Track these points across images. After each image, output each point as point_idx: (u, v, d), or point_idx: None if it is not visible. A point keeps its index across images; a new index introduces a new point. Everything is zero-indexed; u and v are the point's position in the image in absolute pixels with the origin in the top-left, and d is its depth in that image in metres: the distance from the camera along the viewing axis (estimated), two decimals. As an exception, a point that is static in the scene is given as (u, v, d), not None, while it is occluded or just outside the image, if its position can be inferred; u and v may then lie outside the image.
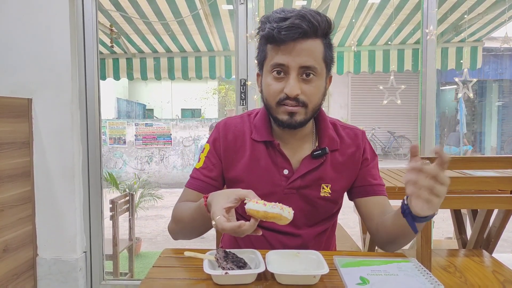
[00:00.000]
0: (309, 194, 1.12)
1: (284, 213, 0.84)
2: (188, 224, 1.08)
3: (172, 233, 1.17)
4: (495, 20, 4.47)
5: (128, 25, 4.62)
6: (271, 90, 1.06)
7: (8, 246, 2.12)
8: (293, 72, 1.02)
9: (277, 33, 1.00)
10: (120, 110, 13.55)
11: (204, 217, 0.98)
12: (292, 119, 1.05)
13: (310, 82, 1.04)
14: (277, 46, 1.03)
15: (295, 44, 1.01)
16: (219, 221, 0.85)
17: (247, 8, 2.44)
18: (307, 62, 1.02)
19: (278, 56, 1.03)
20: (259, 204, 0.84)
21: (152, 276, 0.88)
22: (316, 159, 1.12)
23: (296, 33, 0.99)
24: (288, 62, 1.02)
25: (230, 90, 13.95)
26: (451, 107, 12.59)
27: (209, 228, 1.05)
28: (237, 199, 0.90)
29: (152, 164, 9.08)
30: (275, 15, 1.03)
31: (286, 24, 0.99)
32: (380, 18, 4.46)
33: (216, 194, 0.94)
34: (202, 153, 1.19)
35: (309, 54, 1.02)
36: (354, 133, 1.20)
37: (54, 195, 2.34)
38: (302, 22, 0.99)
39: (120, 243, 3.13)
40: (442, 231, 3.88)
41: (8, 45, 2.30)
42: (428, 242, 1.36)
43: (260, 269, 0.84)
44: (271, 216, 0.84)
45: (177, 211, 1.13)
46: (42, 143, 2.32)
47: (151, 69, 5.53)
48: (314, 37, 1.02)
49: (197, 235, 1.13)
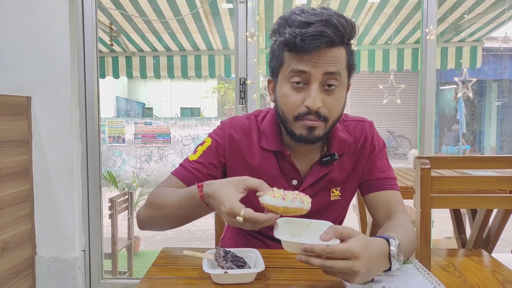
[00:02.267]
0: (319, 201, 1.08)
1: (304, 206, 0.81)
2: (171, 211, 0.99)
3: (143, 222, 1.06)
4: (495, 20, 4.47)
5: (127, 23, 4.62)
6: (289, 102, 0.97)
7: (7, 245, 2.12)
8: (315, 82, 0.93)
9: (300, 41, 0.90)
10: (119, 108, 13.53)
11: (193, 207, 0.93)
12: (311, 134, 0.97)
13: (332, 93, 0.96)
14: (298, 54, 0.93)
15: (320, 53, 0.92)
16: (249, 214, 0.79)
17: (247, 7, 2.44)
18: (331, 68, 0.93)
19: (299, 63, 0.94)
20: (277, 198, 0.80)
21: (151, 275, 0.88)
22: (325, 166, 1.07)
23: (322, 42, 0.90)
24: (310, 70, 0.93)
25: (230, 89, 13.95)
26: (450, 107, 12.60)
27: (193, 219, 0.99)
28: (246, 189, 0.86)
29: (151, 163, 9.07)
30: (295, 18, 0.92)
31: (311, 31, 0.89)
32: (380, 18, 4.45)
33: (219, 184, 0.87)
34: (201, 146, 1.12)
35: (333, 61, 0.93)
36: (361, 125, 1.13)
37: (53, 193, 2.34)
38: (328, 29, 0.89)
39: (119, 242, 3.13)
40: (441, 230, 3.88)
41: (8, 43, 2.29)
42: (428, 242, 1.36)
43: (259, 269, 0.84)
44: (292, 211, 0.80)
45: (157, 196, 1.03)
46: (41, 141, 2.32)
47: (151, 68, 5.52)
48: (340, 44, 0.94)
49: (175, 225, 1.03)
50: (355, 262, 0.73)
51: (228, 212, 0.81)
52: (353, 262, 0.73)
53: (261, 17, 3.95)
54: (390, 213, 1.06)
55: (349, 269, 0.73)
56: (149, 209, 1.03)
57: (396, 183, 1.12)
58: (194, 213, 0.96)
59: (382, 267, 0.81)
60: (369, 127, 1.13)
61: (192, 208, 0.94)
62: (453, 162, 1.43)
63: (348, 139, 1.10)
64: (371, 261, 0.76)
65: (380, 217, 1.08)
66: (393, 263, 0.81)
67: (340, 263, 0.73)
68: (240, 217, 0.79)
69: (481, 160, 1.46)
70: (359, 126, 1.13)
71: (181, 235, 4.72)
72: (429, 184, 1.34)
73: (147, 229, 1.08)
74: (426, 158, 1.35)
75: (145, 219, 1.05)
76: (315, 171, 1.08)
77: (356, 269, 0.73)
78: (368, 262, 0.75)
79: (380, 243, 0.82)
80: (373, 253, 0.78)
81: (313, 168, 1.07)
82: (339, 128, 1.10)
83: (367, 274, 0.76)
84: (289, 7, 4.10)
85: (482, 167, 1.51)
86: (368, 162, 1.11)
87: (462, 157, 1.54)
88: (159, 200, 1.02)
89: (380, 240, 0.83)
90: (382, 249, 0.81)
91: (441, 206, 1.39)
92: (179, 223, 1.02)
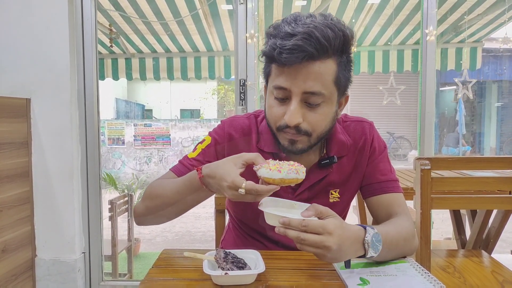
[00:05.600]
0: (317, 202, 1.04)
1: (300, 176, 0.85)
2: (170, 199, 0.98)
3: (142, 215, 1.05)
4: (495, 20, 4.48)
5: (127, 25, 4.62)
6: (271, 113, 0.98)
7: (7, 247, 2.11)
8: (295, 98, 0.91)
9: (278, 54, 0.88)
10: (119, 110, 13.54)
11: (191, 191, 0.95)
12: (293, 146, 0.98)
13: (315, 109, 0.93)
14: (280, 67, 0.92)
15: (300, 67, 0.88)
16: (251, 186, 0.82)
17: (246, 8, 2.44)
18: (312, 87, 0.90)
19: (280, 78, 0.92)
20: (273, 171, 0.83)
21: (152, 277, 0.88)
22: (324, 169, 1.07)
23: (298, 57, 0.86)
24: (290, 87, 0.91)
25: (229, 90, 13.97)
26: (450, 108, 12.60)
27: (192, 205, 1.00)
28: (244, 164, 0.88)
29: (151, 165, 9.07)
30: (283, 27, 0.89)
31: (289, 45, 0.86)
32: (380, 19, 4.46)
33: (218, 163, 0.89)
34: (200, 144, 1.12)
35: (315, 78, 0.89)
36: (361, 126, 1.11)
37: (52, 195, 2.34)
38: (307, 43, 0.86)
39: (119, 244, 3.13)
40: (441, 232, 3.88)
41: (7, 45, 2.29)
42: (428, 243, 1.36)
43: (260, 270, 0.84)
44: (288, 182, 0.84)
45: (155, 187, 1.04)
46: (40, 143, 2.32)
47: (150, 69, 5.52)
48: (325, 58, 0.90)
49: (175, 214, 1.02)
50: (328, 238, 0.78)
51: (230, 185, 0.83)
52: (326, 237, 0.78)
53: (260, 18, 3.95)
54: (390, 216, 1.06)
55: (321, 243, 0.78)
56: (148, 201, 1.03)
57: (399, 185, 1.11)
58: (193, 197, 0.96)
59: (355, 252, 0.84)
60: (369, 128, 1.12)
61: (190, 193, 0.95)
62: (453, 163, 1.43)
63: (347, 141, 1.09)
64: (343, 241, 0.80)
65: (381, 219, 1.08)
66: (368, 251, 0.85)
67: (313, 236, 0.78)
68: (242, 189, 0.82)
69: (481, 160, 1.46)
70: (359, 127, 1.12)
71: (181, 237, 4.71)
72: (429, 185, 1.34)
73: (145, 223, 1.07)
74: (426, 159, 1.35)
75: (143, 212, 1.04)
76: (313, 174, 1.06)
77: (327, 245, 0.77)
78: (340, 241, 0.79)
79: (356, 228, 0.86)
80: (346, 233, 0.82)
81: (311, 170, 1.06)
82: (339, 130, 1.09)
83: (338, 253, 0.80)
84: (289, 8, 4.11)
85: (482, 167, 1.51)
86: (368, 165, 1.10)
87: (462, 158, 1.54)
88: (157, 191, 1.02)
89: (356, 226, 0.87)
90: (357, 234, 0.85)
91: (441, 207, 1.39)
92: (178, 211, 1.01)
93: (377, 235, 0.86)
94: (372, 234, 0.85)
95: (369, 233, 0.85)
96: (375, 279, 0.84)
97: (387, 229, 0.92)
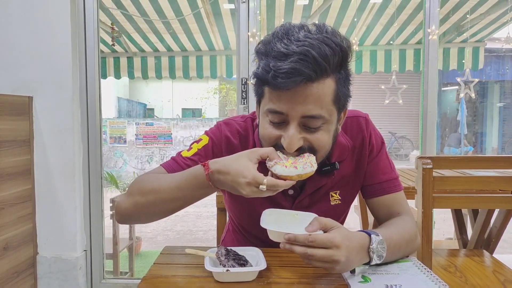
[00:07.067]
0: (318, 208, 1.04)
1: (314, 168, 0.85)
2: (168, 195, 0.90)
3: (128, 211, 0.95)
4: (497, 20, 4.47)
5: (129, 23, 4.63)
6: (266, 136, 0.91)
7: (8, 244, 2.12)
8: (293, 123, 0.85)
9: (272, 77, 0.81)
10: (120, 109, 13.56)
11: (195, 187, 0.88)
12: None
13: (316, 131, 0.88)
14: (274, 90, 0.85)
15: (297, 90, 0.82)
16: (272, 181, 0.81)
17: (248, 7, 2.44)
18: (311, 111, 0.84)
19: (276, 102, 0.85)
20: (289, 168, 0.83)
21: (153, 273, 0.88)
22: (325, 175, 1.02)
23: (296, 81, 0.80)
24: (287, 111, 0.85)
25: (231, 90, 13.97)
26: (452, 108, 12.57)
27: (191, 202, 0.92)
28: (259, 159, 0.85)
29: (152, 164, 9.07)
30: (274, 45, 0.82)
31: (285, 67, 0.79)
32: (382, 18, 4.45)
33: (231, 159, 0.85)
34: (196, 144, 1.07)
35: (314, 101, 0.83)
36: (357, 122, 1.06)
37: (54, 193, 2.34)
38: (304, 65, 0.79)
39: (120, 242, 3.13)
40: (442, 231, 3.87)
41: (9, 43, 2.30)
42: (429, 242, 1.36)
43: (261, 267, 0.84)
44: (305, 176, 0.84)
45: (147, 182, 0.95)
46: (42, 141, 2.32)
47: (152, 68, 5.53)
48: (324, 78, 0.84)
49: (170, 211, 0.94)
50: (336, 251, 0.77)
51: (251, 182, 0.81)
52: (334, 251, 0.77)
53: (262, 17, 3.95)
54: (391, 215, 1.05)
55: (329, 258, 0.76)
56: (138, 196, 0.93)
57: (399, 183, 1.09)
58: (195, 194, 0.90)
59: (361, 260, 0.84)
60: (365, 123, 1.07)
61: (193, 189, 0.89)
62: (455, 162, 1.43)
63: (347, 143, 1.05)
64: (350, 252, 0.79)
65: (383, 219, 1.07)
66: (372, 258, 0.84)
67: (321, 251, 0.77)
68: (264, 185, 0.80)
69: (483, 160, 1.46)
70: (355, 123, 1.07)
71: (182, 236, 4.72)
72: (431, 184, 1.34)
73: (130, 221, 0.99)
74: (428, 158, 1.35)
75: (130, 208, 0.94)
76: (314, 182, 1.02)
77: (336, 258, 0.77)
78: (348, 252, 0.78)
79: (361, 237, 0.85)
80: (353, 244, 0.81)
81: (311, 178, 0.94)
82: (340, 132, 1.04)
83: (346, 264, 0.79)
84: (291, 7, 4.10)
85: (483, 167, 1.50)
86: (369, 164, 1.07)
87: (464, 157, 1.54)
88: (151, 185, 0.93)
89: (361, 234, 0.86)
90: (362, 242, 0.84)
91: (442, 206, 1.39)
92: (175, 208, 0.93)
93: (382, 241, 0.86)
94: (377, 242, 0.85)
95: (374, 240, 0.84)
96: (377, 277, 0.84)
97: (390, 234, 0.91)
